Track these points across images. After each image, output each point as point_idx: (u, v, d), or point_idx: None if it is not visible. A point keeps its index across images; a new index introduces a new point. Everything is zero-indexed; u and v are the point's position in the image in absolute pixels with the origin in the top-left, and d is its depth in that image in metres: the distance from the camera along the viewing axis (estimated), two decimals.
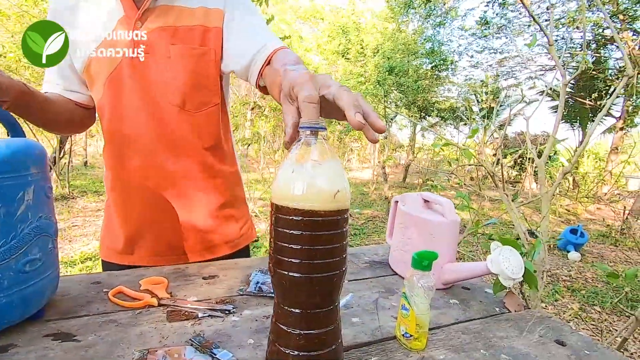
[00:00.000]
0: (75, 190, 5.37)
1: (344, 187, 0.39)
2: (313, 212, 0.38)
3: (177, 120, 0.80)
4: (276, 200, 0.40)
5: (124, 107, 0.79)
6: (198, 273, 0.75)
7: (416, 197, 0.82)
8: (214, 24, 0.79)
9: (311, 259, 0.38)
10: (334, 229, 0.39)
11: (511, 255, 0.61)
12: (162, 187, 0.82)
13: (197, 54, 0.79)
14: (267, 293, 0.66)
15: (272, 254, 0.41)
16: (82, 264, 2.91)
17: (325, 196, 0.38)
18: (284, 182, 0.39)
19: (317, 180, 0.38)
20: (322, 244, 0.38)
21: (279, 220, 0.39)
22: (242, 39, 0.80)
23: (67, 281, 0.67)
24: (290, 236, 0.38)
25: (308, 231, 0.38)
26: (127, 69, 0.77)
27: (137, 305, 0.59)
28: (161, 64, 0.78)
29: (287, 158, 0.41)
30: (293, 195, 0.38)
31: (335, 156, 0.41)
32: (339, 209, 0.39)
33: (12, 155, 0.48)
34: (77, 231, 3.72)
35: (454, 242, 0.74)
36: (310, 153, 0.40)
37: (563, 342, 0.59)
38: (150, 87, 0.78)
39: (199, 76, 0.80)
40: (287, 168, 0.40)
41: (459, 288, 0.77)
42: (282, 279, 0.39)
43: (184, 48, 0.78)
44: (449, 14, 10.18)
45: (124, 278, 0.70)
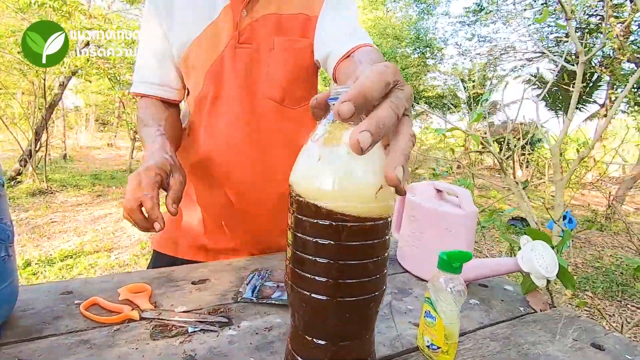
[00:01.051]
0: (54, 185, 5.14)
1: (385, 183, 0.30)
2: (346, 216, 0.28)
3: (275, 116, 0.76)
4: (297, 195, 0.30)
5: (224, 100, 0.75)
6: (186, 277, 0.66)
7: (427, 186, 0.75)
8: (315, 13, 0.75)
9: (342, 277, 0.29)
10: (373, 238, 0.29)
11: (544, 251, 0.54)
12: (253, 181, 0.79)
13: (299, 47, 0.75)
14: (268, 300, 0.58)
15: (290, 266, 0.31)
16: (62, 262, 2.76)
17: (365, 194, 0.28)
18: (306, 173, 0.29)
19: (353, 172, 0.28)
20: (357, 257, 0.29)
21: (300, 223, 0.30)
22: (331, 27, 0.74)
23: (30, 291, 0.57)
24: (314, 246, 0.29)
25: (338, 240, 0.28)
26: (229, 60, 0.73)
27: (115, 320, 0.50)
28: (263, 56, 0.74)
29: (312, 139, 0.31)
30: (319, 191, 0.28)
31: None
32: (381, 210, 0.29)
33: None
34: (56, 227, 3.55)
35: (472, 236, 0.67)
36: (342, 133, 0.29)
37: (600, 346, 0.53)
38: (251, 80, 0.74)
39: (299, 70, 0.77)
40: (311, 153, 0.30)
41: (476, 286, 0.70)
42: (303, 301, 0.30)
43: (286, 41, 0.74)
44: None
45: (100, 285, 0.61)
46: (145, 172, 0.57)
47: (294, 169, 0.32)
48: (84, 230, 3.53)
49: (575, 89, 0.83)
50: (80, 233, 3.45)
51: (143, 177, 0.56)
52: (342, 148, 0.29)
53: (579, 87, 0.83)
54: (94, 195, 4.92)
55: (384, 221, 0.30)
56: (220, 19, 0.73)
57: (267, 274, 0.67)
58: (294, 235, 0.31)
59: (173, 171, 0.61)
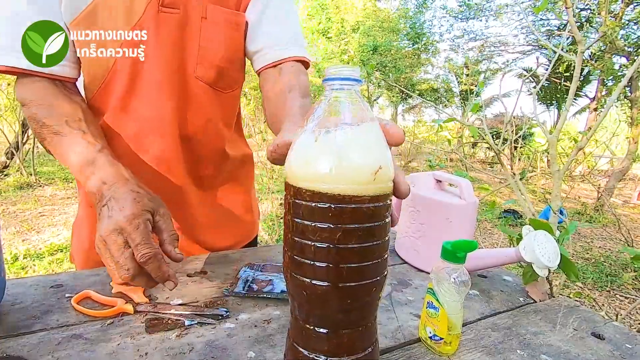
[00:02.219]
0: (42, 178, 5.04)
1: (387, 161, 0.29)
2: (345, 198, 0.27)
3: (206, 100, 0.66)
4: (293, 180, 0.29)
5: (145, 83, 0.61)
6: (182, 269, 0.65)
7: (427, 177, 0.74)
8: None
9: (342, 262, 0.28)
10: (373, 220, 0.28)
11: (546, 240, 0.53)
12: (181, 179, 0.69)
13: (235, 21, 0.65)
14: (259, 294, 0.56)
15: (288, 254, 0.30)
16: (52, 256, 2.72)
17: (363, 175, 0.27)
18: (304, 156, 0.28)
19: (350, 153, 0.27)
20: (356, 241, 0.28)
21: (298, 207, 0.29)
22: (269, 19, 0.67)
23: (18, 285, 0.55)
24: (313, 230, 0.28)
25: (338, 224, 0.27)
26: (151, 29, 0.58)
27: (108, 313, 0.48)
28: (194, 26, 0.61)
29: (308, 121, 0.30)
30: (317, 173, 0.27)
31: (373, 118, 0.30)
32: (381, 191, 0.28)
33: None
34: (44, 221, 3.48)
35: (472, 227, 0.66)
36: (339, 114, 0.29)
37: (600, 335, 0.53)
38: (178, 52, 0.61)
39: (236, 48, 0.67)
40: (307, 136, 0.29)
41: (475, 276, 0.70)
42: (302, 288, 0.29)
43: (222, 11, 0.63)
44: None
45: (92, 279, 0.59)
46: (127, 222, 0.43)
47: (288, 155, 0.31)
48: None
49: (574, 79, 0.82)
50: (70, 227, 3.39)
51: (130, 231, 0.43)
52: (339, 130, 0.28)
53: (578, 77, 0.82)
54: None
55: (383, 203, 0.29)
56: None
57: (260, 267, 0.65)
58: (292, 221, 0.30)
59: (154, 205, 0.48)
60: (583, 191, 6.93)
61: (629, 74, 0.87)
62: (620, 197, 6.88)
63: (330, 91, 0.30)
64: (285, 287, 0.50)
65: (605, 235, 4.09)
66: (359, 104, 0.29)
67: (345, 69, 0.29)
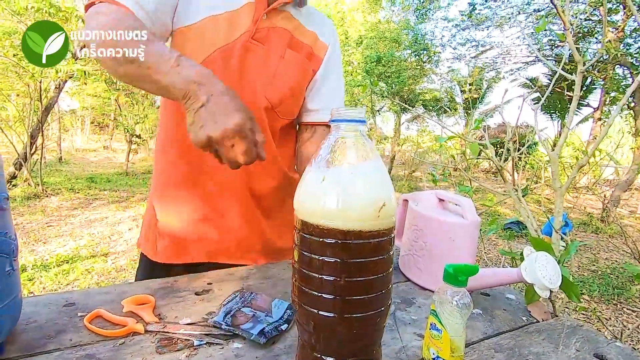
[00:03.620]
0: (49, 188, 5.10)
1: (391, 199, 0.30)
2: (350, 233, 0.29)
3: (265, 116, 0.77)
4: (301, 215, 0.31)
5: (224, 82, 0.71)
6: (189, 287, 0.66)
7: (429, 195, 0.75)
8: (318, 53, 0.83)
9: (348, 294, 0.29)
10: (377, 254, 0.30)
11: (547, 262, 0.54)
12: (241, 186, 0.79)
13: (305, 68, 0.81)
14: (236, 330, 0.51)
15: (296, 284, 0.32)
16: (59, 267, 2.74)
17: (367, 212, 0.29)
18: (311, 193, 0.30)
19: (355, 191, 0.29)
20: (362, 274, 0.29)
21: (306, 241, 0.30)
22: (330, 87, 0.85)
23: (32, 304, 0.57)
24: (320, 264, 0.29)
25: (344, 258, 0.29)
26: (239, 50, 0.73)
27: (120, 333, 0.50)
28: (273, 60, 0.76)
29: (315, 160, 0.31)
30: (324, 210, 0.29)
31: (377, 156, 0.31)
32: (385, 227, 0.30)
33: None
34: (51, 231, 3.51)
35: (474, 245, 0.67)
36: (345, 154, 0.30)
37: (603, 356, 0.53)
38: (254, 75, 0.75)
39: (301, 87, 0.82)
40: (315, 173, 0.31)
41: (478, 295, 0.71)
42: (310, 318, 0.30)
43: (297, 56, 0.79)
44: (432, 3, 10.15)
45: (103, 297, 0.60)
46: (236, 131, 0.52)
47: (297, 192, 0.33)
48: (80, 234, 3.51)
49: (574, 98, 0.84)
50: (76, 237, 3.42)
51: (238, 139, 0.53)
52: (345, 168, 0.30)
53: (578, 95, 0.84)
54: (90, 198, 4.89)
55: (387, 237, 0.31)
56: (242, 11, 0.74)
57: (250, 297, 0.61)
58: (300, 253, 0.31)
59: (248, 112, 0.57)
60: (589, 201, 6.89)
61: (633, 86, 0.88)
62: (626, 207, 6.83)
63: (337, 131, 0.31)
64: (264, 329, 0.51)
65: (612, 246, 4.05)
66: (364, 144, 0.31)
67: (350, 111, 0.31)
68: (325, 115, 0.85)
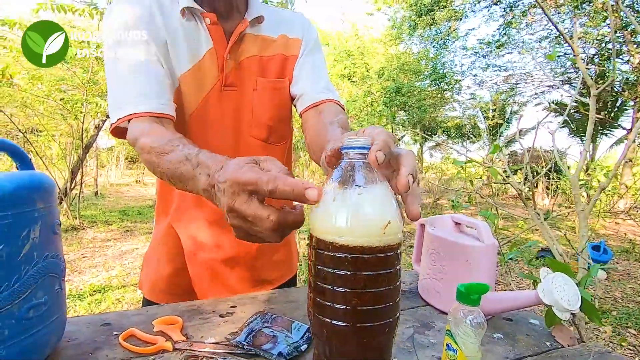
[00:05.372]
0: (86, 221, 5.37)
1: (395, 217, 0.34)
2: (358, 249, 0.32)
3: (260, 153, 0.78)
4: (315, 232, 0.35)
5: (210, 140, 0.75)
6: (214, 309, 0.69)
7: (446, 219, 0.76)
8: (292, 52, 0.82)
9: (359, 304, 0.32)
10: (383, 268, 0.33)
11: (565, 283, 0.54)
12: None
13: (279, 87, 0.80)
14: (257, 350, 0.53)
15: (311, 296, 0.35)
16: (91, 296, 2.84)
17: (374, 229, 0.33)
18: (323, 212, 0.34)
19: (363, 210, 0.33)
20: (370, 286, 0.32)
21: (320, 256, 0.34)
22: (307, 70, 0.82)
23: (74, 323, 0.61)
24: (332, 276, 0.33)
25: (353, 271, 0.32)
26: (215, 103, 0.75)
27: (151, 350, 0.53)
28: (248, 97, 0.77)
29: (327, 183, 0.36)
30: (335, 227, 0.33)
31: (383, 181, 0.36)
32: (390, 243, 0.33)
33: (15, 190, 0.44)
34: (86, 262, 3.68)
35: (493, 269, 0.67)
36: (354, 178, 0.34)
37: None
38: (236, 119, 0.77)
39: (282, 108, 0.81)
40: (327, 195, 0.35)
41: (500, 319, 0.70)
42: (324, 327, 0.33)
43: (268, 82, 0.79)
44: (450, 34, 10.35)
45: (136, 318, 0.65)
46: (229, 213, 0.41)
47: (312, 211, 0.37)
48: (112, 265, 3.64)
49: (590, 121, 0.84)
50: (109, 268, 3.55)
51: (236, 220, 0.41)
52: (354, 190, 0.34)
53: (593, 119, 0.84)
54: (122, 230, 5.10)
55: (393, 252, 0.34)
56: (205, 60, 0.73)
57: (271, 319, 0.63)
58: (315, 267, 0.35)
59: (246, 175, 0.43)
60: (630, 227, 6.46)
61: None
62: None
63: (346, 157, 0.36)
64: (284, 349, 0.53)
65: None
66: (370, 169, 0.35)
67: (358, 140, 0.35)
68: (313, 95, 0.79)
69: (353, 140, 0.35)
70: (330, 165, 0.39)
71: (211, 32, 0.73)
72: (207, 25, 0.73)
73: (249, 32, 0.77)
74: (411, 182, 0.35)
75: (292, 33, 0.82)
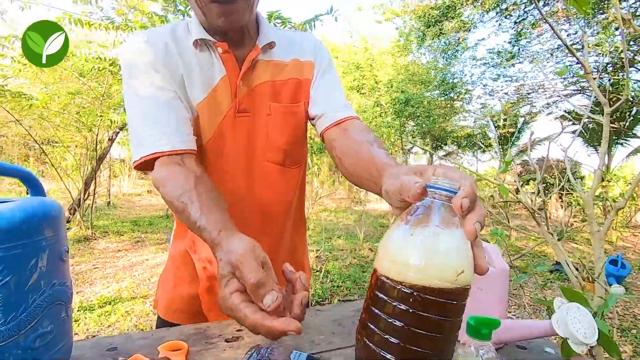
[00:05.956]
0: (98, 231, 5.45)
1: (469, 267, 0.34)
2: (427, 289, 0.33)
3: (275, 176, 0.81)
4: (384, 260, 0.36)
5: (225, 165, 0.78)
6: (220, 333, 0.69)
7: None
8: (305, 76, 0.83)
9: (413, 343, 0.32)
10: (444, 313, 0.34)
11: (580, 314, 0.52)
12: None
13: (294, 112, 0.81)
14: None
15: (364, 318, 0.36)
16: (101, 308, 2.86)
17: (447, 274, 0.33)
18: (398, 243, 0.35)
19: (440, 252, 0.33)
20: (429, 329, 0.33)
21: (383, 285, 0.35)
22: (324, 90, 0.83)
23: (79, 348, 0.61)
24: (392, 308, 0.33)
25: (414, 309, 0.33)
26: (229, 130, 0.76)
27: None
28: (262, 122, 0.78)
29: (404, 218, 0.36)
30: (407, 261, 0.33)
31: (461, 227, 0.36)
32: (459, 292, 0.34)
33: (25, 220, 0.44)
34: (97, 273, 3.71)
35: (504, 295, 0.65)
36: (435, 218, 0.35)
37: None
38: (251, 145, 0.78)
39: (297, 132, 0.82)
40: (404, 229, 0.35)
41: (513, 347, 0.68)
42: (371, 355, 0.34)
43: (282, 107, 0.80)
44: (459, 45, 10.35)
45: (142, 342, 0.64)
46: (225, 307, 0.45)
47: (385, 238, 0.37)
48: (123, 276, 3.67)
49: (603, 140, 0.82)
50: (119, 279, 3.58)
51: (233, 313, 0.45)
52: (433, 230, 0.34)
53: (607, 137, 0.82)
54: (133, 241, 5.15)
55: (458, 302, 0.34)
56: (219, 88, 0.75)
57: (267, 352, 0.59)
58: (375, 294, 0.36)
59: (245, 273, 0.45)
60: None
61: None
62: None
63: (431, 195, 0.36)
64: None
65: None
66: (452, 212, 0.35)
67: (447, 182, 0.36)
68: (334, 114, 0.80)
69: (443, 182, 0.36)
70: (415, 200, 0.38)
71: (224, 61, 0.75)
72: (220, 54, 0.75)
73: (261, 59, 0.78)
74: (478, 231, 0.36)
75: (303, 56, 0.83)
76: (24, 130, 5.22)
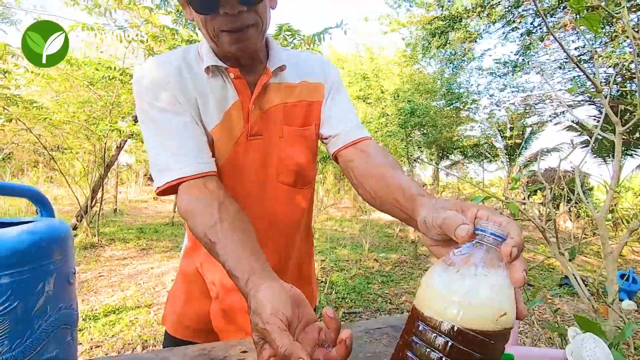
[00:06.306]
0: (104, 239, 5.48)
1: (511, 312, 0.34)
2: (467, 328, 0.33)
3: (286, 198, 0.82)
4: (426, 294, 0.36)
5: (239, 187, 0.78)
6: (225, 355, 0.68)
7: None
8: (315, 98, 0.83)
9: None
10: (484, 354, 0.34)
11: (596, 346, 0.51)
12: None
13: (303, 135, 0.82)
14: None
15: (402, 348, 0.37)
16: (106, 317, 2.86)
17: (489, 314, 0.33)
18: (442, 278, 0.36)
19: (484, 291, 0.34)
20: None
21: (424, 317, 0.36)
22: (337, 110, 0.83)
23: None
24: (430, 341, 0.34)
25: (454, 344, 0.33)
26: (243, 153, 0.77)
27: None
28: (274, 143, 0.79)
29: (453, 253, 0.37)
30: (449, 297, 0.34)
31: (506, 271, 0.36)
32: (499, 335, 0.34)
33: (33, 244, 0.44)
34: (103, 281, 3.72)
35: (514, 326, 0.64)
36: (482, 259, 0.36)
37: None
38: (263, 166, 0.79)
39: (308, 154, 0.83)
40: (450, 268, 0.36)
41: None
42: None
43: (294, 130, 0.80)
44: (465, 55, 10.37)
45: None
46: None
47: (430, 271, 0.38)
48: (128, 284, 3.68)
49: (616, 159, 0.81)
50: (124, 288, 3.59)
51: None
52: (480, 270, 0.35)
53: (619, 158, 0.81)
54: (139, 249, 5.17)
55: (497, 345, 0.34)
56: (232, 112, 0.76)
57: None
58: (414, 325, 0.36)
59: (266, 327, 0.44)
60: None
61: None
62: None
63: (480, 238, 0.37)
64: None
65: None
66: (499, 256, 0.36)
67: (495, 227, 0.37)
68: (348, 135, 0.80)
69: (493, 227, 0.37)
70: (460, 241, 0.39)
71: (236, 86, 0.76)
72: (232, 79, 0.76)
73: (272, 82, 0.79)
74: (525, 279, 0.36)
75: (312, 78, 0.83)
76: (34, 137, 5.30)
